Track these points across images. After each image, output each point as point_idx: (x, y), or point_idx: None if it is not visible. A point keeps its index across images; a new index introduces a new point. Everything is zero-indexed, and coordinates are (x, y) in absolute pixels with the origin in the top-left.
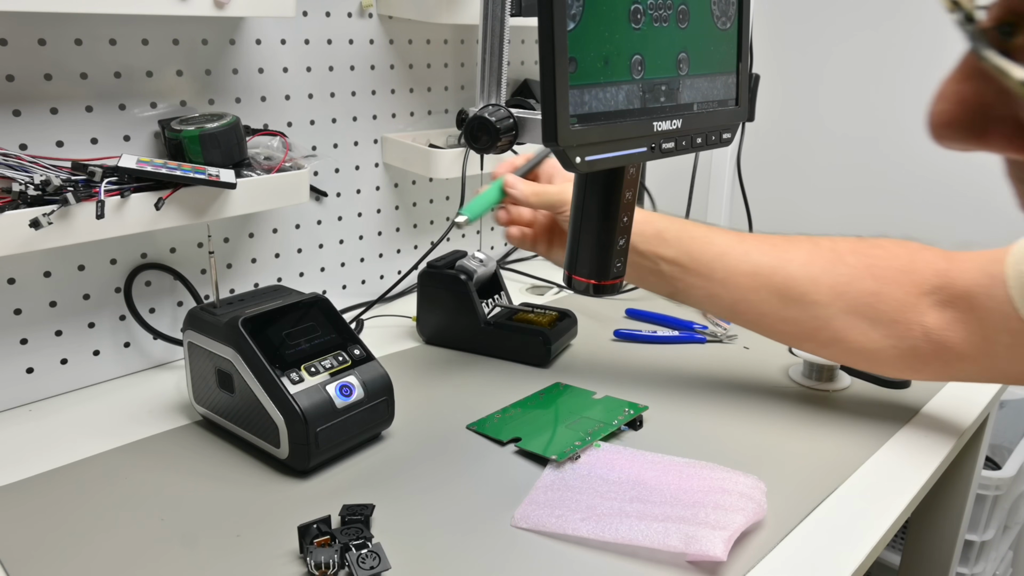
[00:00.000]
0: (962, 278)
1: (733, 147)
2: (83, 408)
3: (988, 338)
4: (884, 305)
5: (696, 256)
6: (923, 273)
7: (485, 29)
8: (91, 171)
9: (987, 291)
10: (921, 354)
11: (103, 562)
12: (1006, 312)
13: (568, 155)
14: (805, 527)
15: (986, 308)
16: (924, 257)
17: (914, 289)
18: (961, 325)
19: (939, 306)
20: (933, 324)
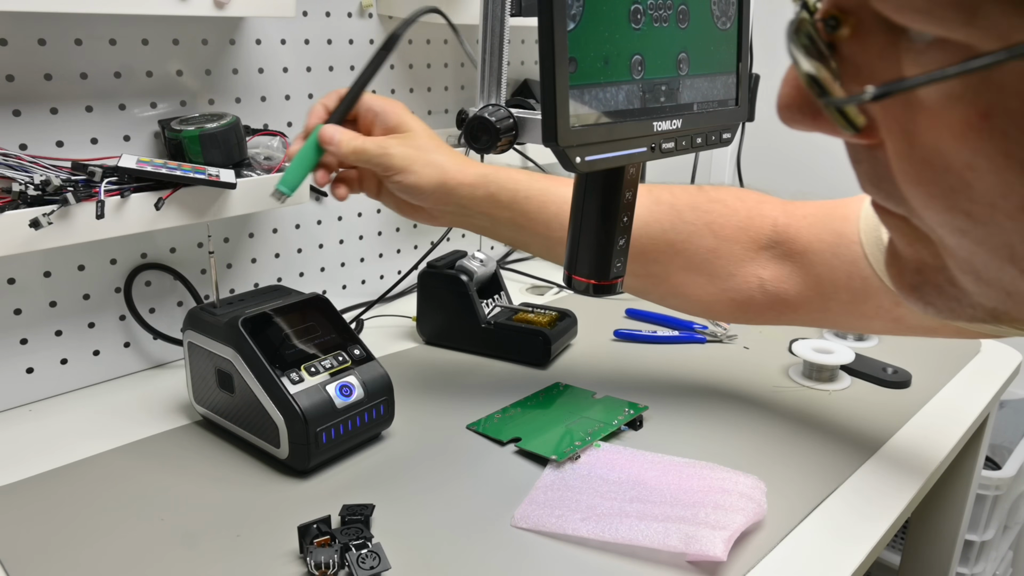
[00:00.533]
0: (802, 235)
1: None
2: (83, 408)
3: (825, 294)
4: (722, 260)
5: (533, 216)
6: (761, 228)
7: (485, 29)
8: (91, 171)
9: (832, 249)
10: (756, 304)
11: (103, 562)
12: (850, 272)
13: (568, 155)
14: (805, 527)
15: (829, 265)
16: (762, 211)
17: (752, 244)
18: (798, 278)
19: (776, 259)
20: (769, 277)
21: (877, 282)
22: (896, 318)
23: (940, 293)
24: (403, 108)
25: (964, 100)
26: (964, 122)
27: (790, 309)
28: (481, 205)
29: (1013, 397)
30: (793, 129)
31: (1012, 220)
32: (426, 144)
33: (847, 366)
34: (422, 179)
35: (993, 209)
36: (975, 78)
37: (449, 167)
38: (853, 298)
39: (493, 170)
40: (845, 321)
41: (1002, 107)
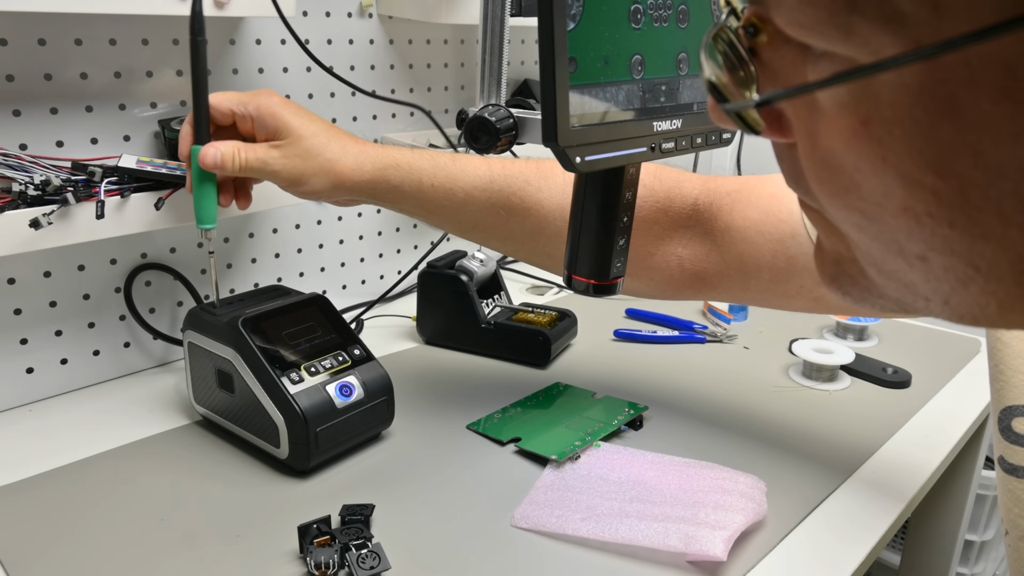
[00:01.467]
0: (723, 212)
1: (733, 147)
2: (83, 408)
3: (746, 272)
4: (640, 240)
5: (440, 204)
6: (681, 208)
7: (485, 29)
8: (91, 171)
9: (756, 227)
10: (674, 282)
11: (103, 562)
12: (774, 250)
13: (568, 155)
14: (805, 527)
15: (752, 243)
16: (682, 190)
17: (671, 224)
18: (717, 256)
19: (696, 238)
20: (688, 255)
21: (803, 262)
22: (817, 298)
23: (854, 283)
24: (280, 104)
25: (849, 108)
26: (849, 128)
27: (708, 286)
28: (385, 196)
29: None
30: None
31: (895, 219)
32: (310, 147)
33: (847, 366)
34: (315, 187)
35: (880, 208)
36: (858, 88)
37: (341, 167)
38: (775, 277)
39: (392, 159)
40: (764, 299)
41: (879, 116)
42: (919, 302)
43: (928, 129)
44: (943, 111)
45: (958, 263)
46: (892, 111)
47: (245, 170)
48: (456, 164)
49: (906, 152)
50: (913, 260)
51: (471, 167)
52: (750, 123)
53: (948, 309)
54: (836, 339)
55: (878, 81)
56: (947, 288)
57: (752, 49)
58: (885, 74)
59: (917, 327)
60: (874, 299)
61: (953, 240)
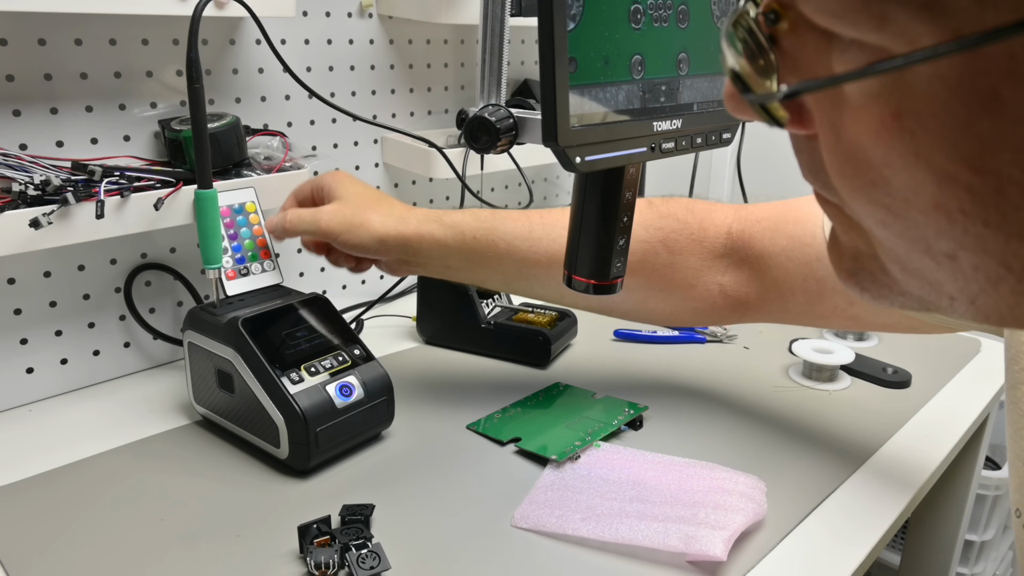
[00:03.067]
0: (756, 240)
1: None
2: (83, 408)
3: (783, 296)
4: (679, 274)
5: (483, 255)
6: (716, 238)
7: (485, 29)
8: (91, 171)
9: (785, 252)
10: (719, 309)
11: (103, 562)
12: (804, 274)
13: (568, 155)
14: (805, 527)
15: (783, 269)
16: (715, 220)
17: (707, 254)
18: (756, 283)
19: (734, 266)
20: (729, 282)
21: (832, 283)
22: (852, 316)
23: (873, 280)
24: (344, 176)
25: (880, 100)
26: (879, 120)
27: (752, 310)
28: (429, 253)
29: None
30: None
31: (924, 216)
32: (359, 205)
33: (847, 366)
34: (360, 237)
35: (908, 204)
36: (889, 80)
37: (387, 222)
38: (809, 300)
39: (436, 215)
40: (806, 319)
41: (911, 108)
42: (943, 301)
43: (966, 123)
44: (983, 104)
45: (990, 262)
46: (927, 104)
47: (297, 224)
48: (496, 217)
49: (940, 146)
50: (941, 258)
51: (510, 219)
52: (774, 115)
53: (974, 309)
54: (836, 339)
55: (912, 72)
56: (975, 288)
57: (772, 37)
58: (921, 65)
59: None
60: (894, 296)
61: (986, 239)
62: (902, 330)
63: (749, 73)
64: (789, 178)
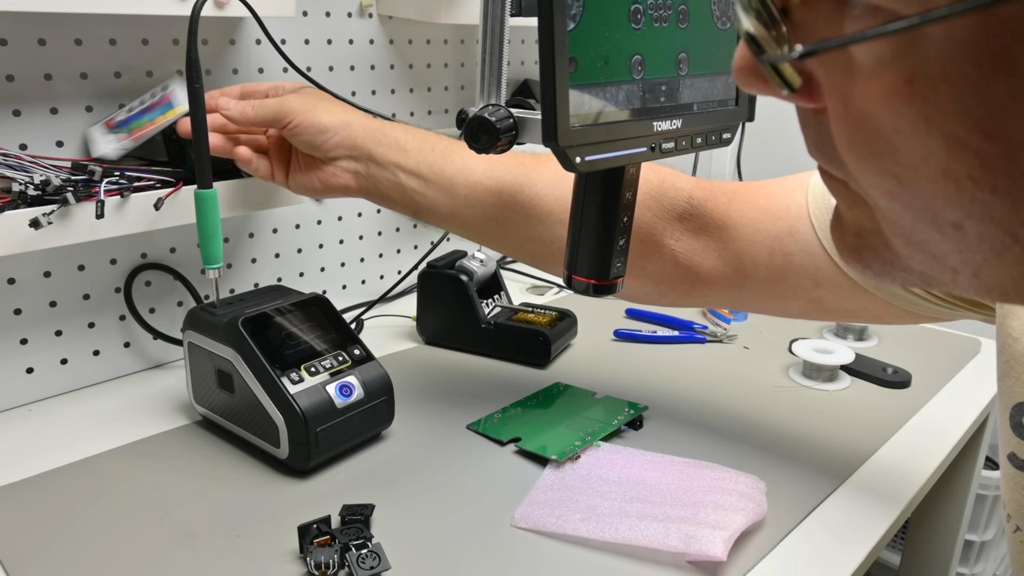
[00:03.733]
0: (720, 209)
1: (733, 147)
2: (83, 408)
3: (742, 270)
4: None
5: (437, 169)
6: (675, 199)
7: (485, 29)
8: (91, 171)
9: (754, 224)
10: (667, 276)
11: (103, 562)
12: (771, 247)
13: (568, 155)
14: (805, 527)
15: (749, 240)
16: (676, 183)
17: (664, 213)
18: (713, 253)
19: (690, 232)
20: (682, 249)
21: (800, 260)
22: (814, 299)
23: (876, 256)
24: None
25: (891, 65)
26: (891, 86)
27: (702, 283)
28: (388, 153)
29: None
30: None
31: (932, 184)
32: (325, 96)
33: (847, 366)
34: (324, 117)
35: (916, 172)
36: (901, 44)
37: (352, 112)
38: (771, 275)
39: (402, 126)
40: (761, 301)
41: (924, 72)
42: (946, 274)
43: (979, 86)
44: (997, 66)
45: (995, 231)
46: (940, 67)
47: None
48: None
49: (952, 111)
50: (947, 228)
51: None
52: (786, 78)
53: (977, 282)
54: (836, 339)
55: (925, 36)
56: (979, 259)
57: (784, 9)
58: (934, 28)
59: (917, 327)
60: (897, 272)
61: (994, 206)
62: (863, 318)
63: (764, 35)
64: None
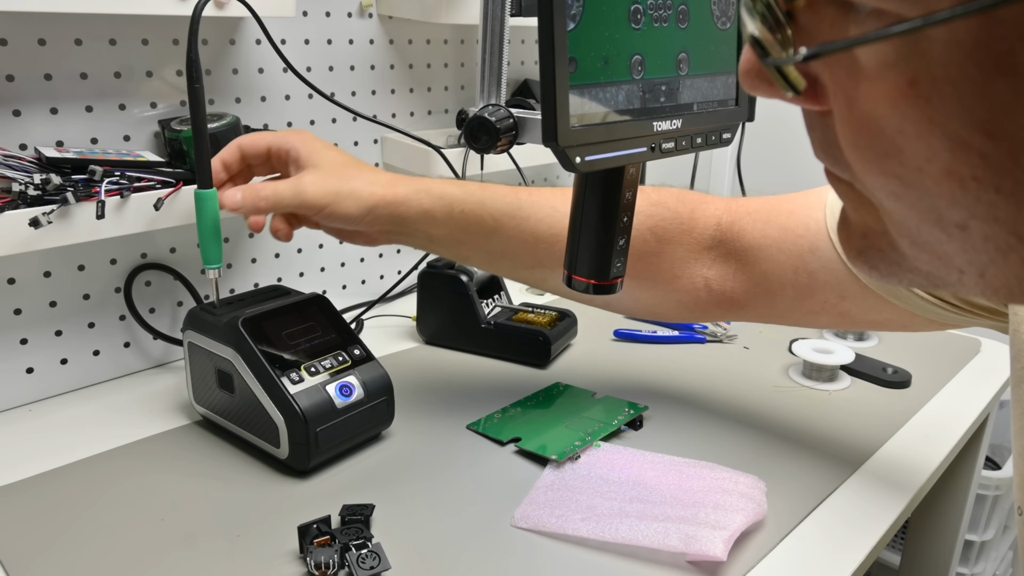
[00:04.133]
0: (746, 232)
1: (733, 147)
2: (83, 408)
3: (771, 290)
4: (665, 264)
5: (470, 231)
6: (705, 229)
7: (485, 29)
8: (91, 171)
9: (777, 244)
10: (702, 304)
11: (103, 562)
12: (795, 266)
13: (568, 155)
14: (805, 527)
15: (774, 261)
16: (705, 211)
17: (695, 245)
18: (743, 276)
19: (721, 259)
20: (714, 276)
21: (823, 277)
22: (841, 312)
23: (883, 257)
24: (311, 139)
25: (896, 67)
26: (895, 88)
27: (737, 306)
28: (416, 223)
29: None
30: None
31: (937, 184)
32: (342, 173)
33: (847, 366)
34: (347, 208)
35: (921, 173)
36: (905, 46)
37: (375, 190)
38: (798, 294)
39: (424, 185)
40: (792, 316)
41: (927, 75)
42: (952, 275)
43: (982, 87)
44: (999, 67)
45: (1000, 231)
46: (943, 69)
47: (275, 202)
48: (485, 190)
49: (955, 112)
50: (952, 229)
51: (499, 194)
52: (792, 80)
53: (983, 282)
54: (836, 339)
55: (928, 38)
56: (985, 259)
57: (790, 13)
58: (936, 30)
59: None
60: (903, 274)
61: (998, 206)
62: (892, 327)
63: (769, 39)
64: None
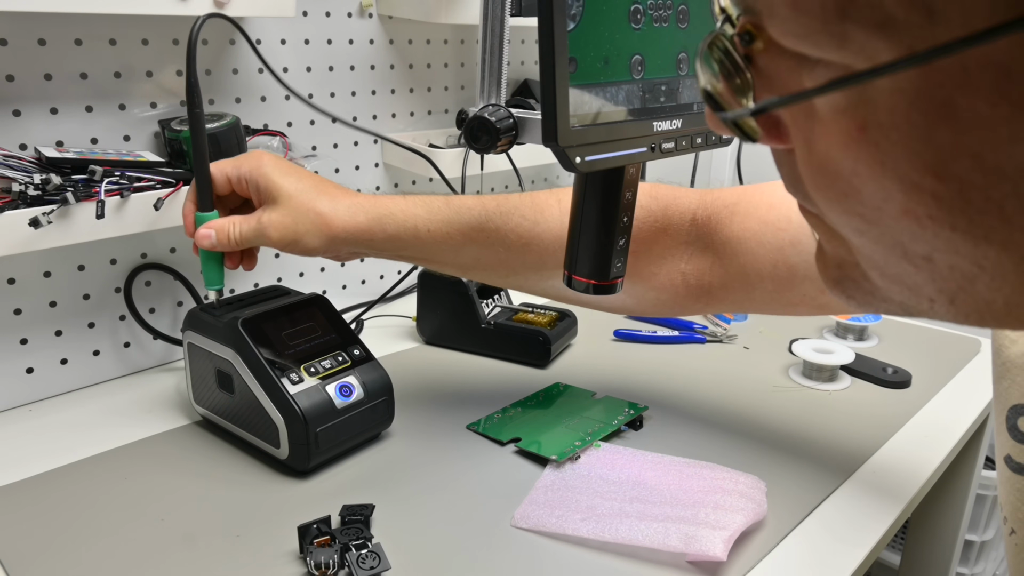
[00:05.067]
0: (723, 225)
1: (733, 147)
2: (83, 408)
3: (749, 282)
4: (641, 263)
5: (436, 251)
6: (680, 225)
7: (485, 29)
8: (91, 171)
9: (756, 237)
10: (679, 298)
11: (103, 562)
12: (775, 259)
13: (568, 155)
14: (805, 527)
15: (753, 255)
16: (679, 207)
17: (670, 242)
18: (720, 269)
19: (698, 253)
20: (691, 270)
21: (804, 270)
22: (821, 304)
23: (857, 287)
24: (270, 164)
25: (846, 114)
26: (847, 133)
27: (714, 299)
28: (382, 246)
29: None
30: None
31: (896, 222)
32: (299, 205)
33: (847, 366)
34: (310, 244)
35: (880, 212)
36: (854, 95)
37: (333, 221)
38: (778, 286)
39: (386, 208)
40: (771, 308)
41: (875, 121)
42: (923, 304)
43: (926, 132)
44: (940, 114)
45: (963, 262)
46: (889, 116)
47: (242, 242)
48: (451, 207)
49: (904, 156)
50: (918, 261)
51: (465, 208)
52: (747, 131)
53: (954, 309)
54: (836, 339)
55: (874, 87)
56: (953, 287)
57: (748, 56)
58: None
59: (917, 327)
60: (878, 303)
61: (956, 242)
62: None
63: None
64: None
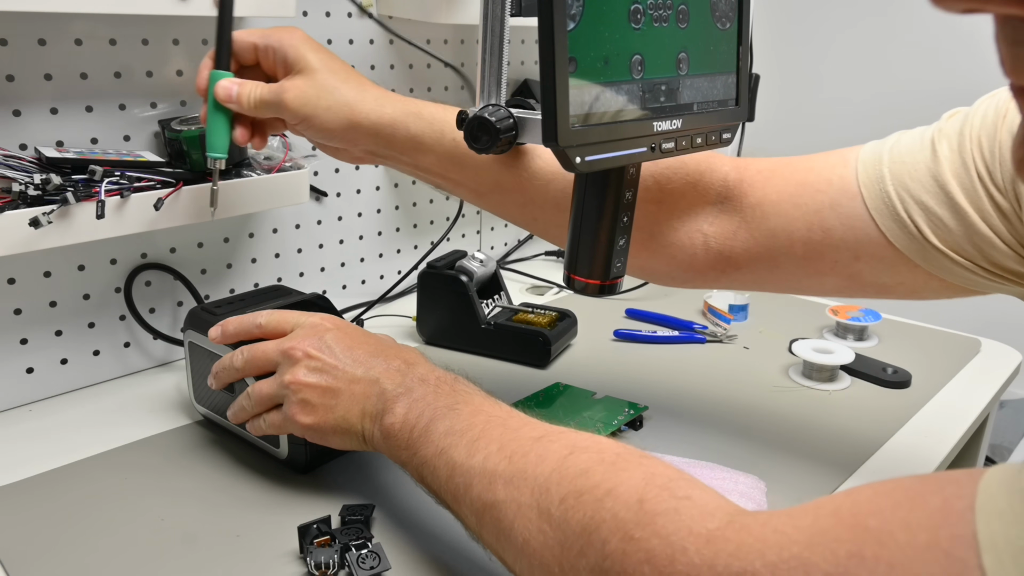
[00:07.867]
0: (756, 187)
1: (733, 147)
2: (83, 408)
3: (777, 248)
4: (664, 214)
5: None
6: (711, 183)
7: (485, 29)
8: (91, 171)
9: (792, 199)
10: (697, 263)
11: (103, 562)
12: (810, 222)
13: (568, 155)
14: None
15: (787, 216)
16: (712, 166)
17: (699, 199)
18: (746, 234)
19: (724, 214)
20: (714, 232)
21: (841, 233)
22: (852, 274)
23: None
24: (301, 38)
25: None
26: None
27: (733, 267)
28: (402, 147)
29: (1013, 397)
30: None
31: None
32: (326, 81)
33: (847, 366)
34: (328, 123)
35: None
36: None
37: (359, 105)
38: (808, 252)
39: (416, 107)
40: (795, 279)
41: None
42: None
43: None
44: None
45: None
46: None
47: (259, 105)
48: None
49: None
50: None
51: None
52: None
53: None
54: (836, 339)
55: None
56: None
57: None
58: None
59: (917, 327)
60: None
61: None
62: (899, 294)
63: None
64: None
